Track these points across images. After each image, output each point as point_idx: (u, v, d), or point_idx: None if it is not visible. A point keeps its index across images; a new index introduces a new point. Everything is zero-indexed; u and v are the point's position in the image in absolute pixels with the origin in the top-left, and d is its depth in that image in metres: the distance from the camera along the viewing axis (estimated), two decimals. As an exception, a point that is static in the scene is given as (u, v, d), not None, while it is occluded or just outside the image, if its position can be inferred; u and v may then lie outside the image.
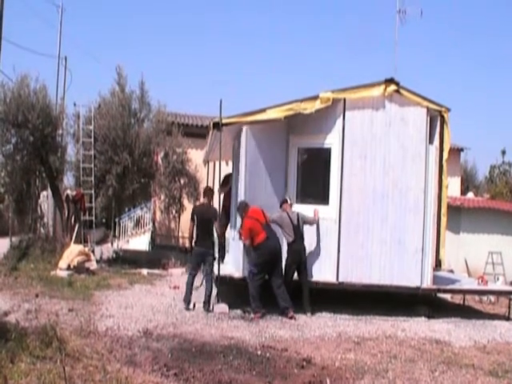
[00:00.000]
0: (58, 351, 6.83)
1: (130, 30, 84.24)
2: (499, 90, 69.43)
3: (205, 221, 11.53)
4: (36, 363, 6.49)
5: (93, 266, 15.45)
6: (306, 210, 11.95)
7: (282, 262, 11.36)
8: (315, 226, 12.01)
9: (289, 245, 11.62)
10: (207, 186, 13.96)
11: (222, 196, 13.16)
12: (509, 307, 12.79)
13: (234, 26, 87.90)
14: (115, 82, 18.76)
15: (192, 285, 11.43)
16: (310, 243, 11.96)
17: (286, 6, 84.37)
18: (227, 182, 14.33)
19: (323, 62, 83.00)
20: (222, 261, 13.09)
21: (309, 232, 11.91)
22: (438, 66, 75.81)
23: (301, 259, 11.57)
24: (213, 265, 11.57)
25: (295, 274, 11.64)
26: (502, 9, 71.69)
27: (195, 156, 19.87)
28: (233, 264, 12.45)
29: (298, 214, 11.66)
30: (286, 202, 11.81)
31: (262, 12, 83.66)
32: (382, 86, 11.94)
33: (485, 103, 70.09)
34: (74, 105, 18.78)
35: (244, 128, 11.79)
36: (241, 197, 11.90)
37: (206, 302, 11.13)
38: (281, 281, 11.17)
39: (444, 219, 12.83)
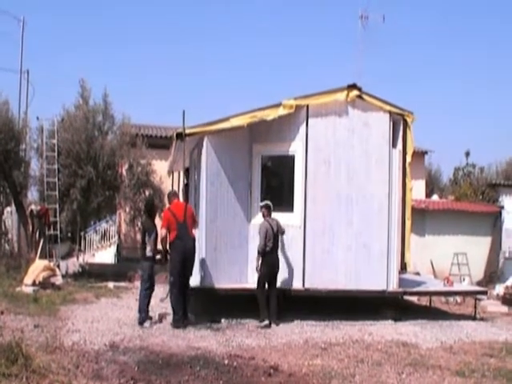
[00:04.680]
0: (24, 368, 6.74)
1: (93, 42, 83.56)
2: (463, 92, 70.34)
3: None
4: (1, 381, 6.38)
5: (58, 281, 15.26)
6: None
7: (191, 265, 10.90)
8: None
9: (264, 254, 11.17)
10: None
11: None
12: (475, 307, 13.02)
13: (205, 30, 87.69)
14: (79, 94, 18.65)
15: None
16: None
17: (253, 5, 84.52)
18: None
19: (291, 68, 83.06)
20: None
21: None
22: (401, 68, 76.44)
23: (275, 271, 11.36)
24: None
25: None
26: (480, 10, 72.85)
27: (160, 167, 19.82)
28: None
29: (277, 222, 11.45)
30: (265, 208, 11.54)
31: (229, 13, 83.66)
32: (345, 92, 12.03)
33: (449, 106, 70.87)
34: (37, 119, 18.62)
35: (205, 138, 11.73)
36: (202, 208, 11.75)
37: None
38: (186, 286, 10.83)
39: (408, 222, 12.96)
